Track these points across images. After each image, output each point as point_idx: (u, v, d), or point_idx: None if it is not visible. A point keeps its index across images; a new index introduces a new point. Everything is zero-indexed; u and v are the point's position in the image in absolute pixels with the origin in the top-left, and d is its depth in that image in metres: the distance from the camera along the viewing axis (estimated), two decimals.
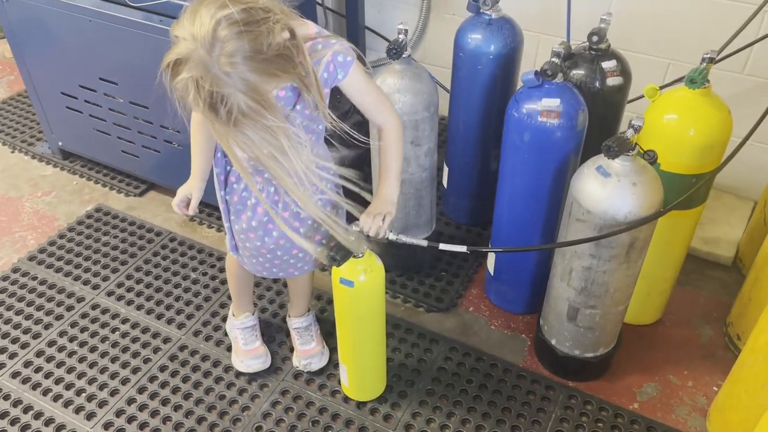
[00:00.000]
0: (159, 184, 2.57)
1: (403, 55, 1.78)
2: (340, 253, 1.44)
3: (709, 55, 1.58)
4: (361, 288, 1.53)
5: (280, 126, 1.17)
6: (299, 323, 1.92)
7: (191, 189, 1.61)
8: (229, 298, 2.11)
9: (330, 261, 1.45)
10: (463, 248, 1.47)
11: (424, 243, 1.45)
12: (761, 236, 2.09)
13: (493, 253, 1.99)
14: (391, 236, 1.47)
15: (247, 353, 1.88)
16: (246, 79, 1.11)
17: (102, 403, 1.82)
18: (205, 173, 1.60)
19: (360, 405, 1.81)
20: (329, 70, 1.33)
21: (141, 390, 1.85)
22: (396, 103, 1.78)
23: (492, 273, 2.05)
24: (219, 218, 2.43)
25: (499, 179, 1.88)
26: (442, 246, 1.49)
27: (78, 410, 1.80)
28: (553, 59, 1.64)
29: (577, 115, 1.67)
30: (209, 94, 1.09)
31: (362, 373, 1.75)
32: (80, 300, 2.13)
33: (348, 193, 1.46)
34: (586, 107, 1.70)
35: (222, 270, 2.23)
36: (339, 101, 2.20)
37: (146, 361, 1.93)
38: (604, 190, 1.51)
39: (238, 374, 1.89)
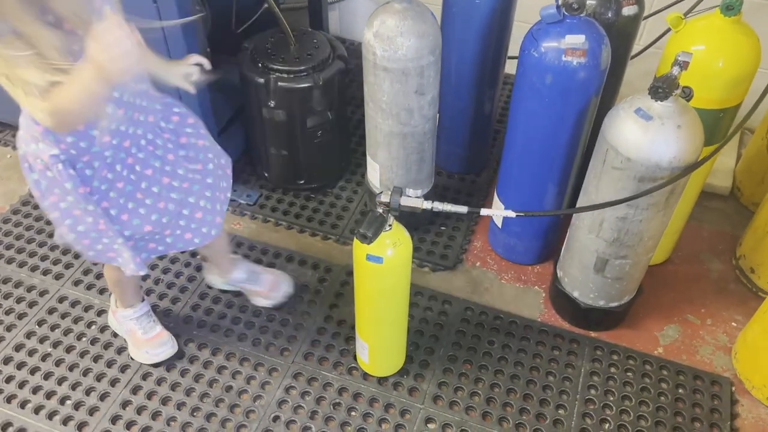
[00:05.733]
0: None
1: None
2: (372, 229, 1.27)
3: None
4: (390, 263, 1.37)
5: None
6: (240, 275, 1.78)
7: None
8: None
9: (361, 239, 1.28)
10: (511, 214, 1.33)
11: (464, 209, 1.29)
12: (763, 166, 2.06)
13: (502, 207, 1.86)
14: (426, 205, 1.30)
15: (150, 341, 1.69)
16: None
17: (92, 410, 1.62)
18: None
19: (381, 381, 1.68)
20: None
21: (135, 390, 1.66)
22: (399, 49, 1.58)
23: (499, 226, 1.93)
24: None
25: (508, 126, 1.73)
26: (485, 212, 1.34)
27: (66, 421, 1.59)
28: None
29: (601, 52, 1.52)
30: None
31: (385, 349, 1.62)
32: (43, 293, 1.87)
33: None
34: (609, 42, 1.55)
35: None
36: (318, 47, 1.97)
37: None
38: (645, 135, 1.38)
39: (242, 361, 1.72)
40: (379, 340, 1.58)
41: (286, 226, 2.08)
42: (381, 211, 1.30)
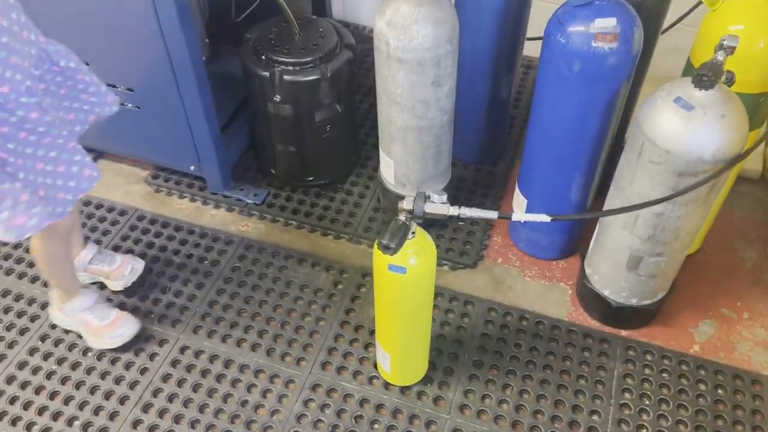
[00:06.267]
0: (110, 152, 2.17)
1: None
2: (395, 240, 1.17)
3: None
4: (414, 273, 1.28)
5: None
6: (91, 252, 1.74)
7: None
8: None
9: (383, 249, 1.18)
10: (546, 218, 1.23)
11: (494, 215, 1.20)
12: None
13: (524, 200, 1.76)
14: (453, 212, 1.20)
15: (111, 326, 1.63)
16: None
17: (102, 431, 1.54)
18: None
19: (404, 390, 1.60)
20: None
21: (146, 408, 1.57)
22: (414, 38, 1.47)
23: (522, 220, 1.83)
24: (190, 186, 2.09)
25: (532, 115, 1.63)
26: (517, 217, 1.24)
27: None
28: None
29: (633, 36, 1.41)
30: None
31: (408, 359, 1.53)
32: (44, 306, 1.78)
33: None
34: (641, 23, 1.44)
35: (209, 249, 1.91)
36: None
37: (143, 371, 1.64)
38: (687, 126, 1.28)
39: (257, 372, 1.63)
40: (402, 350, 1.50)
41: (296, 226, 1.99)
42: (404, 218, 1.20)
